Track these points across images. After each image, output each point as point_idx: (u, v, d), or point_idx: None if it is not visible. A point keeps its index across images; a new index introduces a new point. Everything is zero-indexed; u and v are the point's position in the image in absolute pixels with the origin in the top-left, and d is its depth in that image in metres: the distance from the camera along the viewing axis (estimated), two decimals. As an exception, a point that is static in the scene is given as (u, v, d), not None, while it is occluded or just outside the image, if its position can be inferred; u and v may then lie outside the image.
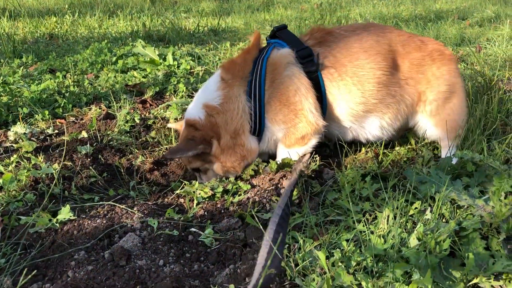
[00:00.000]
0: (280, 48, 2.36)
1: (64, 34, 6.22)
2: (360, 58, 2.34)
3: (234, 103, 2.28)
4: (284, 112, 2.31)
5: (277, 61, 2.31)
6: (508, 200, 1.77)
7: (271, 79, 2.30)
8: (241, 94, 2.29)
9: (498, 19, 6.89)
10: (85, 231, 1.74)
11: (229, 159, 2.31)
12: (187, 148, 2.25)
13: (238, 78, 2.31)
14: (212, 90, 2.34)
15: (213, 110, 2.29)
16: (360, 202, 1.99)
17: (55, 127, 3.04)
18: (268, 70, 2.29)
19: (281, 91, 2.29)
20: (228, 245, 1.71)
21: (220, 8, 8.84)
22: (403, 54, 2.41)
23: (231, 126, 2.28)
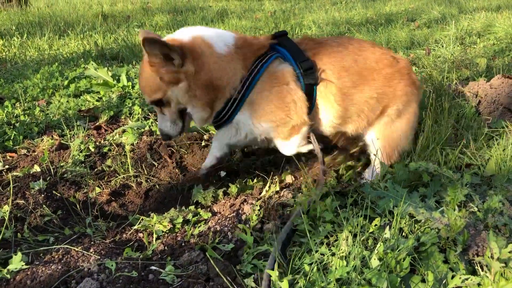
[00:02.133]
0: (282, 61, 2.35)
1: (12, 58, 6.00)
2: (344, 76, 2.40)
3: (231, 71, 2.26)
4: (277, 113, 2.32)
5: (280, 75, 2.32)
6: (462, 213, 1.82)
7: (268, 87, 2.30)
8: (238, 73, 2.27)
9: (444, 20, 7.14)
10: (40, 280, 1.66)
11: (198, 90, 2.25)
12: (164, 43, 2.09)
13: (245, 61, 2.29)
14: (223, 39, 2.29)
15: (208, 48, 2.24)
16: (321, 223, 2.00)
17: (5, 162, 2.91)
18: (265, 78, 2.29)
19: (277, 97, 2.30)
20: (190, 281, 1.67)
21: (174, 21, 8.76)
22: (377, 70, 2.47)
23: (217, 81, 2.25)
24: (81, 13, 9.48)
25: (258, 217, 2.03)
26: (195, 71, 2.21)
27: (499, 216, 1.94)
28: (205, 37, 2.28)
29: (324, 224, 2.00)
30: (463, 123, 2.87)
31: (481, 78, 3.74)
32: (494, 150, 2.52)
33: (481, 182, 2.35)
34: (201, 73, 2.22)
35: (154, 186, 2.61)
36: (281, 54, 2.37)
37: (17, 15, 9.19)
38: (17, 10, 9.99)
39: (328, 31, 6.73)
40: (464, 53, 5.01)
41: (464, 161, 2.54)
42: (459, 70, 4.28)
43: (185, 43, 2.22)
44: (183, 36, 2.27)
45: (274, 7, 9.78)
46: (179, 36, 2.28)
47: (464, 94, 3.26)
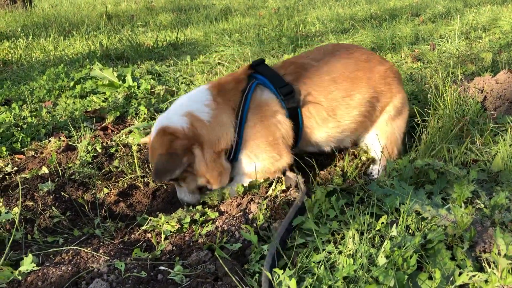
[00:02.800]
0: (263, 89, 2.39)
1: (18, 60, 6.04)
2: (333, 90, 2.44)
3: (222, 128, 2.28)
4: (267, 150, 2.36)
5: (264, 104, 2.35)
6: (468, 210, 1.82)
7: (258, 119, 2.33)
8: (230, 123, 2.30)
9: (449, 14, 7.09)
10: (51, 281, 1.69)
11: (212, 172, 2.29)
12: (173, 165, 2.15)
13: (229, 106, 2.32)
14: (201, 103, 2.31)
15: (199, 122, 2.25)
16: (327, 221, 2.01)
17: (14, 164, 2.94)
18: (252, 108, 2.33)
19: (267, 133, 2.34)
20: (199, 281, 1.69)
21: (177, 20, 8.78)
22: (369, 69, 2.52)
23: (218, 146, 2.28)
24: (85, 13, 9.52)
25: (265, 216, 2.05)
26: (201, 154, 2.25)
27: (506, 212, 1.95)
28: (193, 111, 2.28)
29: (330, 222, 2.01)
30: (468, 119, 2.87)
31: (486, 73, 3.73)
32: (501, 146, 2.52)
33: (488, 178, 2.35)
34: (205, 153, 2.26)
35: (161, 186, 2.63)
36: (260, 81, 2.41)
37: (22, 17, 9.24)
38: (22, 12, 10.03)
39: (332, 27, 6.72)
40: (469, 48, 4.99)
41: (470, 157, 2.53)
42: (464, 65, 4.26)
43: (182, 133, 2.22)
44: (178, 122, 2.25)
45: (277, 4, 9.76)
46: (173, 124, 2.25)
47: (469, 90, 3.25)
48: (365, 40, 5.74)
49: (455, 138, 2.70)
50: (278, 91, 2.37)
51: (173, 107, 2.40)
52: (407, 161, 2.36)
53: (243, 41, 6.04)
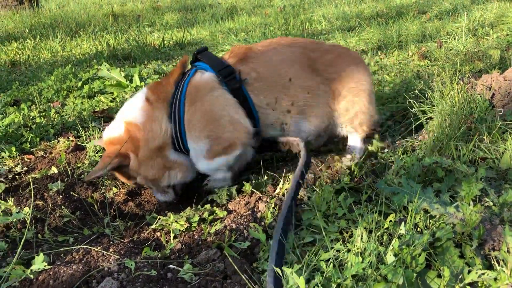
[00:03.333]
0: (204, 72, 2.42)
1: (26, 60, 6.09)
2: (281, 69, 2.51)
3: (156, 125, 2.36)
4: (209, 127, 2.37)
5: (200, 85, 2.38)
6: (477, 208, 1.82)
7: (192, 101, 2.36)
8: (164, 117, 2.37)
9: (456, 11, 7.06)
10: (62, 280, 1.70)
11: (150, 170, 2.39)
12: (101, 166, 2.29)
13: (161, 100, 2.39)
14: (135, 109, 2.40)
15: (133, 127, 2.36)
16: (335, 220, 2.01)
17: (23, 164, 2.97)
18: (189, 93, 2.36)
19: (205, 111, 2.36)
20: (208, 279, 1.70)
21: (184, 19, 8.80)
22: (315, 57, 2.60)
23: (152, 144, 2.36)
24: (92, 14, 9.57)
25: (273, 214, 2.05)
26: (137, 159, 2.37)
27: (514, 210, 1.94)
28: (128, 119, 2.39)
29: (338, 220, 2.01)
30: (476, 116, 2.85)
31: (494, 70, 3.71)
32: (509, 143, 2.51)
33: (496, 176, 2.35)
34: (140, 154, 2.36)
35: (169, 185, 2.64)
36: (200, 67, 2.44)
37: (30, 17, 9.30)
38: (29, 12, 10.10)
39: (338, 25, 6.71)
40: (476, 45, 4.96)
41: (478, 155, 2.53)
42: (471, 63, 4.24)
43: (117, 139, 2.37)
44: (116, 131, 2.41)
45: (283, 3, 9.76)
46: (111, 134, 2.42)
47: (477, 87, 3.24)
48: (371, 38, 5.73)
49: (463, 136, 2.69)
50: (217, 73, 2.40)
51: (116, 116, 2.51)
52: (415, 159, 2.36)
53: (249, 40, 6.05)
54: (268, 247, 1.87)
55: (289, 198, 1.97)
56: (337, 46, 2.83)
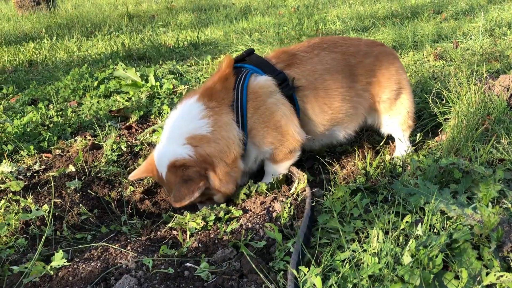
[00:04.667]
0: (257, 75, 2.37)
1: (43, 60, 6.18)
2: (326, 79, 2.50)
3: (228, 131, 2.22)
4: (273, 135, 2.36)
5: (260, 90, 2.33)
6: (496, 209, 1.80)
7: (255, 107, 2.32)
8: (232, 122, 2.25)
9: (472, 11, 6.98)
10: (81, 276, 1.73)
11: (227, 186, 2.25)
12: (191, 191, 2.10)
13: (224, 105, 2.27)
14: (196, 118, 2.22)
15: (201, 140, 2.18)
16: (351, 220, 2.01)
17: (41, 163, 3.02)
18: (250, 98, 2.31)
19: (268, 117, 2.33)
20: (224, 278, 1.71)
21: (198, 19, 8.84)
22: (356, 63, 2.61)
23: (229, 155, 2.21)
24: (107, 14, 9.67)
25: (288, 214, 2.06)
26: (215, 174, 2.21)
27: (533, 212, 1.92)
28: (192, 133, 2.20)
29: (354, 220, 2.01)
30: (494, 117, 2.83)
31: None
32: (527, 145, 2.48)
33: (515, 178, 2.32)
34: (218, 170, 2.21)
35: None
36: (252, 70, 2.39)
37: (46, 18, 9.44)
38: (46, 13, 10.24)
39: (353, 25, 6.68)
40: (493, 45, 4.91)
41: (496, 156, 2.50)
42: (488, 63, 4.20)
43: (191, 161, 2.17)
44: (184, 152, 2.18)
45: (297, 3, 9.74)
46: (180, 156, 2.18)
47: (494, 88, 3.21)
48: (386, 38, 5.69)
49: (480, 137, 2.67)
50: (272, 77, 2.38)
51: (169, 132, 2.30)
52: (432, 160, 2.34)
53: (263, 40, 6.05)
54: (284, 247, 1.88)
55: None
56: (374, 44, 2.82)
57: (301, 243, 1.82)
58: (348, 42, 2.71)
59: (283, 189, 2.39)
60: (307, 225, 1.97)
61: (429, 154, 2.66)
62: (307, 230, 1.95)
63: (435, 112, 2.94)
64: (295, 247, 1.78)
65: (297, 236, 1.87)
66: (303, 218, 2.01)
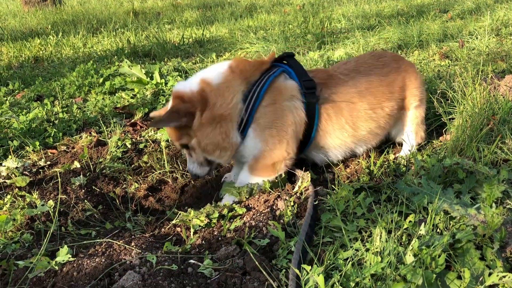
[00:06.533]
0: (288, 77, 2.43)
1: (49, 56, 6.20)
2: (355, 101, 2.54)
3: (230, 93, 2.29)
4: (273, 133, 2.35)
5: (284, 88, 2.38)
6: (499, 210, 1.80)
7: (272, 100, 2.34)
8: (240, 91, 2.31)
9: (478, 10, 6.95)
10: (85, 272, 1.75)
11: (205, 137, 2.28)
12: (169, 119, 2.25)
13: (244, 76, 2.34)
14: (217, 71, 2.35)
15: (208, 86, 2.29)
16: (354, 219, 2.02)
17: (47, 159, 3.04)
18: (271, 90, 2.35)
19: (279, 115, 2.35)
20: (227, 275, 1.72)
21: (203, 17, 8.85)
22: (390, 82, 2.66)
23: (219, 110, 2.27)
24: (112, 11, 9.70)
25: (292, 212, 2.07)
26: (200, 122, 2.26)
27: (537, 213, 1.92)
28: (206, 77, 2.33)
29: (357, 219, 2.02)
30: (499, 117, 2.82)
31: (518, 71, 3.66)
32: (532, 146, 2.48)
33: (519, 178, 2.32)
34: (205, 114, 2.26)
35: (189, 181, 2.68)
36: (286, 70, 2.44)
37: (52, 14, 9.47)
38: (51, 9, 10.28)
39: (358, 24, 6.67)
40: (499, 45, 4.89)
41: (500, 157, 2.50)
42: (494, 63, 4.18)
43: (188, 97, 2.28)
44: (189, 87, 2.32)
45: (302, 1, 9.73)
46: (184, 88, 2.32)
47: (500, 88, 3.20)
48: (391, 37, 5.68)
49: (485, 137, 2.66)
50: (301, 82, 2.41)
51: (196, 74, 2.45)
52: (435, 160, 2.34)
53: (269, 38, 6.05)
54: (287, 245, 1.88)
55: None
56: (399, 58, 2.88)
57: (303, 241, 1.83)
58: (381, 61, 2.74)
59: (287, 188, 2.40)
60: (310, 224, 1.98)
61: (433, 153, 2.66)
62: (309, 229, 1.96)
63: (440, 112, 2.93)
64: (297, 246, 1.79)
65: (299, 235, 1.88)
66: (305, 217, 2.02)
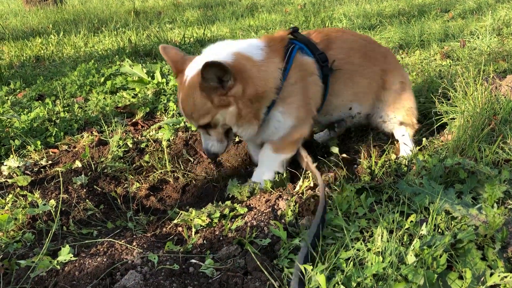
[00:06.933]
0: (303, 53, 2.46)
1: (50, 56, 6.20)
2: (351, 57, 2.65)
3: (272, 72, 2.27)
4: (301, 111, 2.43)
5: (305, 64, 2.43)
6: (500, 210, 1.80)
7: (296, 78, 2.38)
8: (280, 67, 2.31)
9: (480, 10, 6.94)
10: (87, 271, 1.75)
11: (245, 108, 2.22)
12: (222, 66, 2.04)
13: (278, 55, 2.34)
14: (255, 47, 2.30)
15: (249, 61, 2.21)
16: (356, 219, 2.02)
17: (48, 158, 3.04)
18: (294, 67, 2.37)
19: (305, 93, 2.42)
20: (229, 275, 1.72)
21: (204, 16, 8.84)
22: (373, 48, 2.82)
23: (261, 87, 2.22)
24: (113, 10, 9.69)
25: (293, 212, 2.07)
26: (242, 90, 2.18)
27: (538, 213, 1.92)
28: (242, 51, 2.26)
29: (358, 219, 2.02)
30: (500, 117, 2.82)
31: (519, 70, 3.65)
32: (534, 146, 2.48)
33: (520, 179, 2.32)
34: (248, 90, 2.20)
35: (191, 181, 2.68)
36: (299, 46, 2.48)
37: (53, 13, 9.47)
38: (53, 9, 10.28)
39: (359, 24, 6.66)
40: (501, 45, 4.88)
41: (502, 157, 2.50)
42: (496, 63, 4.18)
43: (230, 63, 2.14)
44: (224, 55, 2.19)
45: (304, 0, 9.73)
46: (219, 57, 2.17)
47: (501, 88, 3.20)
48: (392, 36, 5.68)
49: (486, 137, 2.66)
50: (316, 57, 2.47)
51: (218, 46, 2.30)
52: (437, 160, 2.34)
53: (270, 37, 6.04)
54: (288, 245, 1.88)
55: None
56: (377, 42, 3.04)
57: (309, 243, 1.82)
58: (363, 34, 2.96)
59: (288, 187, 2.40)
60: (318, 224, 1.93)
61: (435, 153, 2.66)
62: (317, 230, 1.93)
63: (441, 111, 2.93)
64: (302, 249, 1.76)
65: (306, 235, 1.86)
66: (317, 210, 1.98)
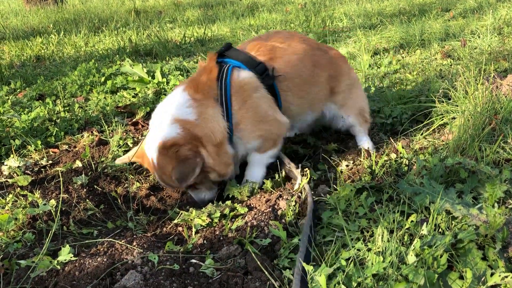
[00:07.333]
0: (240, 70, 2.43)
1: (50, 55, 6.20)
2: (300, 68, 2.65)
3: (213, 122, 2.30)
4: (261, 127, 2.44)
5: (245, 84, 2.40)
6: (501, 210, 1.80)
7: (242, 101, 2.38)
8: (218, 114, 2.32)
9: (480, 9, 6.93)
10: (87, 271, 1.75)
11: (221, 165, 2.33)
12: (191, 168, 2.18)
13: (210, 98, 2.34)
14: (182, 107, 2.31)
15: (188, 124, 2.27)
16: (356, 219, 2.02)
17: (48, 158, 3.04)
18: (235, 92, 2.37)
19: (255, 111, 2.42)
20: (229, 275, 1.72)
21: (205, 15, 8.84)
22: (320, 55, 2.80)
23: (215, 139, 2.29)
24: (114, 9, 9.69)
25: (293, 212, 2.07)
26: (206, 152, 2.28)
27: (539, 213, 1.91)
28: (179, 116, 2.28)
29: (359, 219, 2.01)
30: (501, 117, 2.81)
31: (520, 70, 3.65)
32: (534, 145, 2.47)
33: (521, 178, 2.31)
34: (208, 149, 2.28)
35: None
36: (234, 64, 2.45)
37: (54, 13, 9.47)
38: (53, 8, 10.28)
39: (360, 23, 6.66)
40: (502, 44, 4.87)
41: (502, 157, 2.49)
42: (496, 62, 4.17)
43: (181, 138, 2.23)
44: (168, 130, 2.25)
45: (304, 0, 9.72)
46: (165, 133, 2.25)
47: (502, 87, 3.19)
48: (393, 36, 5.67)
49: (487, 136, 2.66)
50: (253, 71, 2.44)
51: (157, 119, 2.36)
52: (437, 159, 2.34)
53: (270, 37, 6.03)
54: (288, 245, 1.88)
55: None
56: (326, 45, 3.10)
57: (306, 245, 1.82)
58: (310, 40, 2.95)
59: (288, 187, 2.40)
60: (310, 225, 1.95)
61: (435, 153, 2.66)
62: (310, 231, 1.94)
63: (442, 111, 2.92)
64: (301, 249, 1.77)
65: (302, 235, 1.87)
66: (308, 212, 2.00)
